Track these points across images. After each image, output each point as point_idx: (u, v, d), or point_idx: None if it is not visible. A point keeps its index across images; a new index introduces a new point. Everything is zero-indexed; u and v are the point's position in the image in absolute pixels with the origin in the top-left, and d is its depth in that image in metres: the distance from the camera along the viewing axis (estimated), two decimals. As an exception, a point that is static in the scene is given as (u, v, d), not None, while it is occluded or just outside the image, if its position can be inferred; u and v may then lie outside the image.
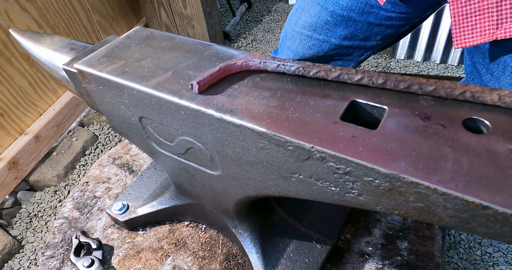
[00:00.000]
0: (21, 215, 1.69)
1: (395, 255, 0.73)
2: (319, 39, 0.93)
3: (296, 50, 0.99)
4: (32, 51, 0.70)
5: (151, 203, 0.79)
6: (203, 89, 0.48)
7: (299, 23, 0.95)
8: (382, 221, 0.79)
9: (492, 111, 0.39)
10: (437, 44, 2.23)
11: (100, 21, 2.18)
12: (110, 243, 0.80)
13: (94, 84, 0.58)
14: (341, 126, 0.41)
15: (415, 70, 2.28)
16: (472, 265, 1.36)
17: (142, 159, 0.99)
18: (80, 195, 0.92)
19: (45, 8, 1.78)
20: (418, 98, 0.42)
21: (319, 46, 0.95)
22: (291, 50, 1.00)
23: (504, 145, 0.36)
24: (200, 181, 0.63)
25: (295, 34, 0.97)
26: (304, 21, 0.93)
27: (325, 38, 0.92)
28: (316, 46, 0.95)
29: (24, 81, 1.72)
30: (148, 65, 0.55)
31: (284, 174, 0.46)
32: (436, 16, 2.11)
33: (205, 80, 0.47)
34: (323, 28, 0.90)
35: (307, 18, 0.92)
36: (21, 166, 1.71)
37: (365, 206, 0.42)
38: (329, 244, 0.71)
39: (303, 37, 0.96)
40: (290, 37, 1.00)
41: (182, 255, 0.76)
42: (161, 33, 0.62)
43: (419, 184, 0.34)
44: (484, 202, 0.31)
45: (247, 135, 0.45)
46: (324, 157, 0.39)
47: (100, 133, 2.05)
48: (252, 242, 0.69)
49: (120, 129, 0.66)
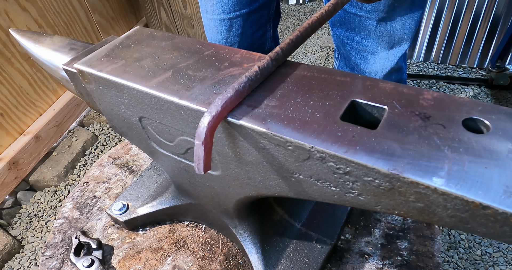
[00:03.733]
0: (21, 215, 1.69)
1: (395, 255, 0.73)
2: (231, 17, 0.98)
3: (219, 40, 1.04)
4: (32, 51, 0.70)
5: (151, 203, 0.79)
6: (208, 168, 0.44)
7: (208, 10, 0.99)
8: (382, 221, 0.79)
9: (492, 111, 0.39)
10: (437, 44, 2.23)
11: (100, 21, 2.18)
12: (110, 243, 0.80)
13: (94, 84, 0.58)
14: (341, 126, 0.41)
15: (415, 70, 2.28)
16: (472, 265, 1.36)
17: (142, 159, 0.99)
18: (80, 195, 0.92)
19: (45, 8, 1.78)
20: (418, 98, 0.42)
21: (234, 24, 1.00)
22: (217, 42, 1.06)
23: (504, 145, 0.36)
24: (200, 181, 0.63)
25: (210, 22, 1.01)
26: (211, 6, 0.97)
27: (236, 14, 0.98)
28: (234, 27, 1.01)
29: (24, 81, 1.72)
30: (148, 65, 0.55)
31: (284, 174, 0.46)
32: (436, 16, 2.11)
33: (206, 161, 0.43)
34: (228, 4, 0.95)
35: (212, 2, 0.96)
36: (21, 166, 1.71)
37: (365, 206, 0.42)
38: (329, 244, 0.71)
39: (217, 23, 1.00)
40: (208, 28, 1.04)
41: (182, 255, 0.76)
42: (161, 33, 0.62)
43: (419, 184, 0.34)
44: (484, 202, 0.32)
45: (247, 135, 0.45)
46: (324, 157, 0.39)
47: (100, 133, 2.05)
48: (252, 242, 0.69)
49: (120, 129, 0.66)
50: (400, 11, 0.88)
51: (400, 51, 0.97)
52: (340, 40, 1.02)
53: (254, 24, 1.06)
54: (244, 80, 0.45)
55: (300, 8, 3.08)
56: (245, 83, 0.45)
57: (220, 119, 0.43)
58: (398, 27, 0.91)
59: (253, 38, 1.10)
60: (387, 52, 0.97)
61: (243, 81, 0.45)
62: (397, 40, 0.95)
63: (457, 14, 2.06)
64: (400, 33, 0.93)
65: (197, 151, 0.42)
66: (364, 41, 0.96)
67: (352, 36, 0.97)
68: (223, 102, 0.42)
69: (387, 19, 0.89)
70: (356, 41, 0.97)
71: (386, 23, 0.90)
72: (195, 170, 0.42)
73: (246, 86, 0.45)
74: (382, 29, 0.92)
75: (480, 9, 1.99)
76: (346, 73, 0.48)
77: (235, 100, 0.44)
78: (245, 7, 0.98)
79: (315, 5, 3.09)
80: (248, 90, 0.45)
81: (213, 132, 0.42)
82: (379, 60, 0.98)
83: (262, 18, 1.06)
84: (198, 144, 0.41)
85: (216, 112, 0.42)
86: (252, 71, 0.46)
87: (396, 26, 0.91)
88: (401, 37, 0.94)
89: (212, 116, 0.41)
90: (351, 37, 0.98)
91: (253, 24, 1.05)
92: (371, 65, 1.00)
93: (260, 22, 1.07)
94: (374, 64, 0.99)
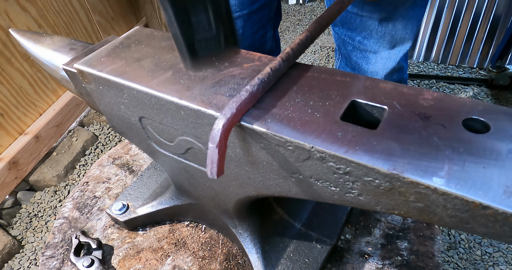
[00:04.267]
0: (21, 215, 1.69)
1: (395, 255, 0.73)
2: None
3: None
4: (32, 51, 0.70)
5: (151, 203, 0.79)
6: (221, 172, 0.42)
7: None
8: (382, 221, 0.79)
9: (492, 111, 0.39)
10: (437, 44, 2.23)
11: (100, 21, 2.18)
12: (110, 243, 0.80)
13: (94, 84, 0.58)
14: (341, 126, 0.41)
15: (415, 70, 2.28)
16: (472, 265, 1.36)
17: (142, 159, 0.99)
18: (80, 195, 0.92)
19: (45, 8, 1.78)
20: (418, 98, 0.42)
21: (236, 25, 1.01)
22: None
23: (504, 145, 0.36)
24: (200, 181, 0.63)
25: None
26: None
27: (237, 15, 0.98)
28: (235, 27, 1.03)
29: (24, 81, 1.72)
30: (148, 65, 0.55)
31: (284, 174, 0.46)
32: (436, 16, 2.11)
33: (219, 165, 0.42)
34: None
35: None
36: (21, 166, 1.70)
37: (365, 206, 0.42)
38: (329, 244, 0.71)
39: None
40: None
41: (182, 255, 0.76)
42: (161, 33, 0.62)
43: (419, 184, 0.34)
44: (484, 202, 0.31)
45: (247, 135, 0.45)
46: (324, 157, 0.39)
47: (100, 133, 2.05)
48: (252, 242, 0.69)
49: (120, 129, 0.66)
50: (402, 10, 0.88)
51: (402, 50, 0.97)
52: (341, 40, 1.02)
53: (255, 25, 1.06)
54: (258, 82, 0.44)
55: (300, 8, 3.08)
56: (259, 85, 0.44)
57: (235, 122, 0.42)
58: (400, 27, 0.91)
59: (254, 39, 1.10)
60: (389, 52, 0.97)
61: (256, 83, 0.44)
62: (399, 40, 0.94)
63: (457, 14, 2.06)
64: (402, 32, 0.92)
65: (211, 155, 0.40)
66: (365, 41, 0.96)
67: (353, 36, 0.97)
68: (238, 105, 0.42)
69: (389, 19, 0.89)
70: (357, 40, 0.97)
71: (388, 23, 0.90)
72: (208, 174, 0.41)
73: (259, 89, 0.44)
74: (384, 29, 0.91)
75: (480, 9, 1.99)
76: (346, 73, 0.48)
77: (249, 102, 0.44)
78: (246, 8, 0.98)
79: (315, 5, 3.09)
80: (261, 92, 0.45)
81: (228, 135, 0.41)
82: (381, 60, 0.98)
83: (263, 19, 1.06)
84: (212, 147, 0.40)
85: (231, 114, 0.41)
86: (265, 73, 0.46)
87: (398, 26, 0.91)
88: (403, 36, 0.93)
89: (227, 118, 0.41)
90: (352, 36, 0.98)
91: (253, 25, 1.05)
92: (373, 64, 1.00)
93: (261, 22, 1.07)
94: (376, 64, 0.99)
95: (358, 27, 0.94)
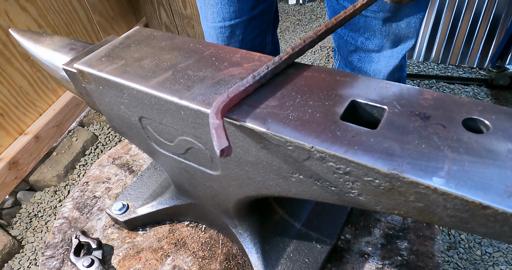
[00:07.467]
0: (21, 215, 1.69)
1: (395, 255, 0.73)
2: (232, 24, 0.97)
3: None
4: (32, 51, 0.70)
5: (151, 203, 0.79)
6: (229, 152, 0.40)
7: (209, 18, 0.98)
8: (382, 221, 0.79)
9: (492, 111, 0.39)
10: (437, 44, 2.23)
11: (100, 21, 2.18)
12: (110, 243, 0.80)
13: (94, 84, 0.58)
14: (341, 126, 0.41)
15: (415, 70, 2.28)
16: (472, 265, 1.36)
17: (142, 159, 0.99)
18: (80, 195, 0.92)
19: (45, 8, 1.78)
20: (418, 98, 0.42)
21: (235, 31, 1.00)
22: None
23: (504, 145, 0.36)
24: (200, 181, 0.63)
25: (211, 30, 1.01)
26: (211, 14, 0.97)
27: (237, 21, 0.97)
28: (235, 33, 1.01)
29: (24, 81, 1.72)
30: (148, 65, 0.55)
31: (284, 174, 0.46)
32: (436, 16, 2.11)
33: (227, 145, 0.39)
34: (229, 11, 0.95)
35: (213, 10, 0.96)
36: (21, 166, 1.71)
37: (365, 206, 0.42)
38: (329, 244, 0.71)
39: (218, 30, 0.99)
40: (208, 35, 1.04)
41: (182, 255, 0.76)
42: (161, 33, 0.62)
43: (419, 184, 0.34)
44: (484, 202, 0.31)
45: (247, 135, 0.45)
46: (324, 157, 0.39)
47: (100, 133, 2.05)
48: (252, 242, 0.69)
49: (120, 129, 0.66)
50: (405, 9, 0.88)
51: (405, 48, 0.97)
52: (343, 40, 1.02)
53: (255, 30, 1.05)
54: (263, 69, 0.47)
55: (300, 8, 3.08)
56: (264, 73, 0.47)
57: (234, 102, 0.45)
58: (403, 26, 0.91)
59: (254, 44, 1.10)
60: (391, 50, 0.97)
61: (261, 70, 0.47)
62: (402, 38, 0.94)
63: (457, 14, 2.06)
64: (405, 31, 0.92)
65: (216, 130, 0.39)
66: (368, 41, 0.96)
67: (356, 36, 0.97)
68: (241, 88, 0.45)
69: (393, 18, 0.89)
70: (360, 41, 0.97)
71: (392, 22, 0.90)
72: (216, 153, 0.38)
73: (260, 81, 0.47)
74: (388, 28, 0.91)
75: (480, 9, 1.99)
76: (346, 73, 0.48)
77: (250, 87, 0.46)
78: (246, 14, 0.98)
79: (315, 5, 3.09)
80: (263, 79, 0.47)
81: (226, 110, 0.44)
82: (384, 59, 0.98)
83: (262, 24, 1.06)
84: (213, 122, 0.40)
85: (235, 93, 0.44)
86: (270, 63, 0.48)
87: (401, 25, 0.91)
88: (406, 35, 0.94)
89: (228, 95, 0.43)
90: (355, 37, 0.97)
91: (253, 30, 1.05)
92: (376, 63, 1.00)
93: (260, 27, 1.07)
94: (379, 63, 0.99)
95: (362, 28, 0.94)
